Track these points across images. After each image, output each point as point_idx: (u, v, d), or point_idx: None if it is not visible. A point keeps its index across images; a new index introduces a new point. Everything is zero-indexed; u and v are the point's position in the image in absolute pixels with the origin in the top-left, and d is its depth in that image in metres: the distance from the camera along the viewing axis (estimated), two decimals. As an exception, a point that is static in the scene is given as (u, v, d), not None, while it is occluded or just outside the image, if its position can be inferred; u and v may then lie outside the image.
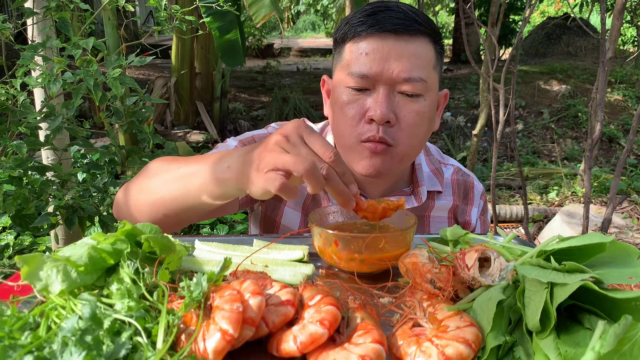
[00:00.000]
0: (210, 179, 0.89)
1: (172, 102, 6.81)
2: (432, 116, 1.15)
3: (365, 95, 1.07)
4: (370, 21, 1.06)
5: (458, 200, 1.32)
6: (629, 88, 8.74)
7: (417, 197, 1.24)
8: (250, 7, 4.97)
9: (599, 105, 2.21)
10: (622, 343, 0.50)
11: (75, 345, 0.49)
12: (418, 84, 1.06)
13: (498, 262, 0.69)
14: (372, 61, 1.05)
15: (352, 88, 1.08)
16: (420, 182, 1.25)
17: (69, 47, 1.62)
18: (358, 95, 1.08)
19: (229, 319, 0.56)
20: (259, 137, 1.28)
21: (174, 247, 0.74)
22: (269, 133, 1.28)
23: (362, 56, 1.06)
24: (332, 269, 0.90)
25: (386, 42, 1.05)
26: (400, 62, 1.04)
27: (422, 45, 1.07)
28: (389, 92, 1.06)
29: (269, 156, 0.77)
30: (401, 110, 1.07)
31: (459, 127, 7.45)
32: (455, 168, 1.36)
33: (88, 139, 1.83)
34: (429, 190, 1.26)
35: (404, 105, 1.07)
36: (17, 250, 3.32)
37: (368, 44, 1.06)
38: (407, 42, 1.05)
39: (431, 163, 1.32)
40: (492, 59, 2.75)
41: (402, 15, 1.06)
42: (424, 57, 1.07)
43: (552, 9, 16.26)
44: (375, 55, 1.05)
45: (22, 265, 0.65)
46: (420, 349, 0.59)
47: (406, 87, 1.05)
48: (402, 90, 1.06)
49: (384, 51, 1.04)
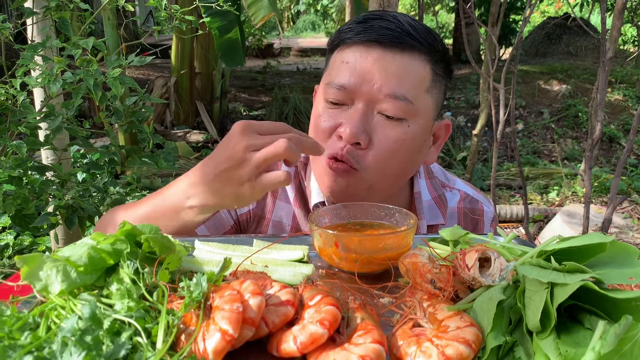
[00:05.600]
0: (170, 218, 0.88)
1: (172, 102, 6.81)
2: (417, 146, 1.00)
3: (341, 110, 0.97)
4: (358, 28, 0.95)
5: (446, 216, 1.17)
6: (629, 88, 8.73)
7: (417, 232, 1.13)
8: (249, 8, 4.98)
9: (599, 105, 2.21)
10: (622, 343, 0.50)
11: (75, 346, 0.49)
12: (401, 104, 0.93)
13: (498, 262, 0.69)
14: (352, 71, 0.94)
15: (329, 101, 0.97)
16: (420, 214, 1.11)
17: (69, 47, 1.62)
18: (333, 109, 0.97)
19: (229, 319, 0.56)
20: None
21: (174, 247, 0.74)
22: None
23: (342, 65, 0.95)
24: (332, 269, 0.90)
25: (371, 53, 0.93)
26: (382, 76, 0.92)
27: (414, 62, 0.94)
28: (367, 111, 0.94)
29: (247, 164, 0.77)
30: (377, 133, 0.94)
31: (459, 127, 7.45)
32: (462, 194, 1.19)
33: (88, 139, 1.83)
34: (429, 224, 1.13)
35: (381, 128, 0.94)
36: (17, 250, 3.32)
37: (352, 53, 0.95)
38: (394, 55, 0.93)
39: (433, 189, 1.17)
40: (492, 58, 2.75)
41: (394, 26, 0.94)
42: (413, 75, 0.94)
43: (552, 8, 16.26)
44: (356, 65, 0.94)
45: (22, 265, 0.65)
46: (421, 349, 0.59)
47: (387, 106, 0.93)
48: (382, 110, 0.94)
49: (367, 62, 0.93)
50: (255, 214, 1.14)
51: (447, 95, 6.97)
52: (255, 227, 1.14)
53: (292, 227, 1.13)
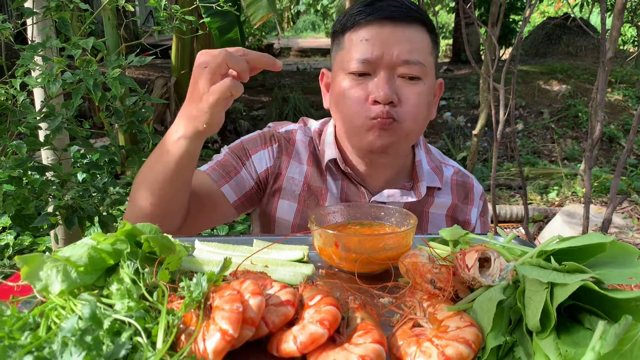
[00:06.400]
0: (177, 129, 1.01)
1: (172, 102, 6.81)
2: (430, 101, 1.20)
3: (366, 80, 1.12)
4: (368, 10, 1.11)
5: (457, 199, 1.33)
6: (629, 88, 8.73)
7: (417, 191, 1.26)
8: (248, 8, 4.98)
9: (599, 105, 2.21)
10: (622, 343, 0.50)
11: (75, 346, 0.49)
12: (417, 66, 1.11)
13: (498, 262, 0.69)
14: (373, 46, 1.10)
15: (354, 73, 1.13)
16: (420, 177, 1.28)
17: (69, 47, 1.62)
18: (360, 80, 1.12)
19: (229, 319, 0.56)
20: (247, 140, 1.30)
21: (174, 247, 0.74)
22: (258, 135, 1.32)
23: (362, 42, 1.12)
24: (332, 269, 0.90)
25: (385, 28, 1.10)
26: (399, 46, 1.10)
27: (419, 32, 1.13)
28: (390, 76, 1.11)
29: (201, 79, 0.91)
30: (403, 92, 1.12)
31: (459, 127, 7.45)
32: (455, 169, 1.38)
33: (88, 139, 1.83)
34: (428, 186, 1.28)
35: (405, 88, 1.12)
36: (17, 250, 3.32)
37: (368, 31, 1.11)
38: (404, 28, 1.11)
39: (431, 161, 1.34)
40: (492, 59, 2.75)
41: (399, 4, 1.12)
42: (421, 42, 1.13)
43: (552, 9, 16.27)
44: (375, 41, 1.10)
45: (22, 266, 0.65)
46: (420, 349, 0.59)
47: (406, 70, 1.11)
48: (402, 74, 1.11)
49: (383, 36, 1.10)
50: (272, 171, 1.28)
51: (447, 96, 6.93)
52: (273, 183, 1.29)
53: (304, 183, 1.28)
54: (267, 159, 1.28)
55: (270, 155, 1.28)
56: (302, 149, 1.30)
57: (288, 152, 1.29)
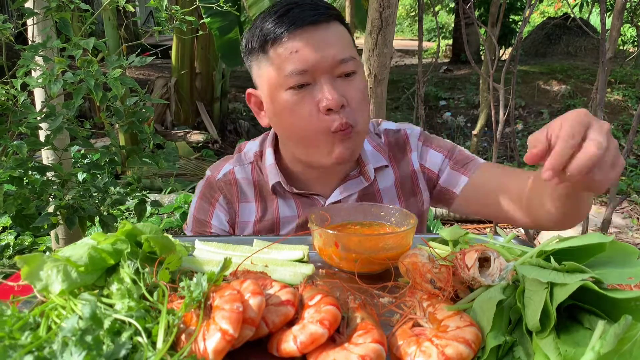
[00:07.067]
0: None
1: (172, 102, 6.81)
2: (367, 90, 1.20)
3: (309, 90, 1.09)
4: (287, 20, 1.07)
5: (396, 163, 1.30)
6: (629, 88, 8.73)
7: (366, 176, 1.24)
8: (250, 9, 4.97)
9: (599, 105, 2.21)
10: (622, 343, 0.51)
11: (76, 345, 0.49)
12: (351, 62, 1.10)
13: (498, 262, 0.69)
14: (306, 55, 1.07)
15: (294, 87, 1.08)
16: (365, 161, 1.25)
17: (70, 47, 1.62)
18: (302, 92, 1.09)
19: (229, 318, 0.56)
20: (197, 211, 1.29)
21: (174, 247, 0.74)
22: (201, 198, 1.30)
23: (294, 54, 1.07)
24: (332, 269, 0.90)
25: (311, 35, 1.07)
26: (330, 48, 1.08)
27: (338, 28, 1.12)
28: (330, 79, 1.08)
29: None
30: (346, 92, 1.09)
31: (458, 127, 7.46)
32: (385, 132, 1.34)
33: (88, 139, 1.83)
34: (375, 167, 1.26)
35: (346, 86, 1.10)
36: (17, 250, 3.32)
37: (295, 42, 1.07)
38: (327, 29, 1.09)
39: (372, 139, 1.31)
40: (492, 59, 2.75)
41: (313, 6, 1.09)
42: (344, 37, 1.12)
43: (552, 9, 16.27)
44: (307, 49, 1.07)
45: (22, 265, 0.65)
46: (420, 349, 0.59)
47: (343, 69, 1.09)
48: (340, 73, 1.09)
49: (312, 43, 1.07)
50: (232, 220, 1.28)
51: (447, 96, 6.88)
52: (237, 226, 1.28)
53: (255, 222, 1.26)
54: (222, 214, 1.27)
55: (222, 210, 1.27)
56: (246, 186, 1.27)
57: (235, 197, 1.27)
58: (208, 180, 1.30)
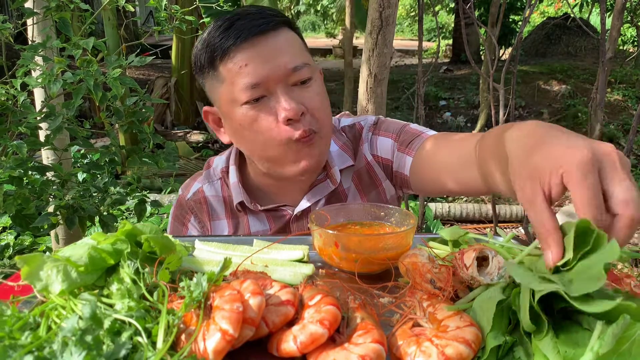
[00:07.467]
0: None
1: (172, 102, 6.82)
2: (326, 93, 1.15)
3: (265, 103, 1.05)
4: (233, 33, 1.03)
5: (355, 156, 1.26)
6: (629, 88, 8.73)
7: (332, 179, 1.22)
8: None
9: (599, 105, 2.21)
10: (620, 342, 0.51)
11: (76, 345, 0.49)
12: (305, 69, 1.06)
13: (496, 260, 0.69)
14: (257, 67, 1.03)
15: (249, 102, 1.05)
16: (331, 164, 1.22)
17: (69, 47, 1.62)
18: (258, 106, 1.05)
19: (229, 319, 0.56)
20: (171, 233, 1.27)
21: (174, 247, 0.74)
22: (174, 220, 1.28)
23: (244, 68, 1.03)
24: (332, 269, 0.90)
25: (259, 45, 1.03)
26: (281, 57, 1.04)
27: (288, 34, 1.08)
28: (285, 89, 1.05)
29: None
30: (304, 99, 1.06)
31: (458, 127, 7.46)
32: (342, 129, 1.30)
33: (88, 139, 1.83)
34: (341, 168, 1.23)
35: (303, 93, 1.07)
36: (17, 250, 3.32)
37: (244, 55, 1.03)
38: (276, 37, 1.05)
39: (338, 138, 1.28)
40: (492, 59, 2.75)
41: (259, 14, 1.05)
42: (295, 43, 1.08)
43: (552, 9, 16.27)
44: (257, 61, 1.03)
45: (22, 265, 0.65)
46: (420, 349, 0.59)
47: (297, 76, 1.05)
48: (295, 82, 1.06)
49: (262, 54, 1.03)
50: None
51: (447, 96, 6.89)
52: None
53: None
54: (195, 234, 1.24)
55: (194, 230, 1.25)
56: (216, 204, 1.25)
57: (206, 215, 1.25)
58: (179, 201, 1.29)
